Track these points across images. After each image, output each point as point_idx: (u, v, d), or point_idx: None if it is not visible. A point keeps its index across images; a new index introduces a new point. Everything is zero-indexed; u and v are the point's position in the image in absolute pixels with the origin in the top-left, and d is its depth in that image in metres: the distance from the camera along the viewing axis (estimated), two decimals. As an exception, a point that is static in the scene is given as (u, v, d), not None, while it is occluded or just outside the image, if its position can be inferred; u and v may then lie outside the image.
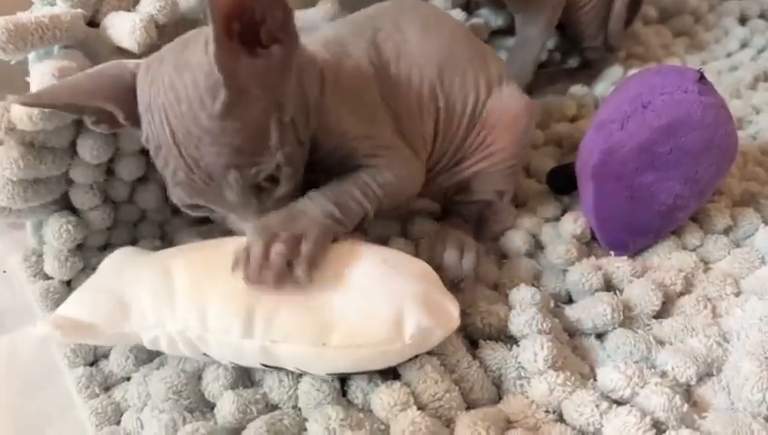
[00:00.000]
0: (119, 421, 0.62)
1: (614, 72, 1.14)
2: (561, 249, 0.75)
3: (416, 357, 0.59)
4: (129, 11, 0.72)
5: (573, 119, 1.04)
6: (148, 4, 0.71)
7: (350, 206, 0.62)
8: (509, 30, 1.19)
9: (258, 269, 0.55)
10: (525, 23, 1.08)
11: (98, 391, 0.64)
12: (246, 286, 0.55)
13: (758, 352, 0.61)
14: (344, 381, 0.60)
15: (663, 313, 0.69)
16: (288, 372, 0.60)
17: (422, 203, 0.83)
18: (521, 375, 0.62)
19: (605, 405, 0.57)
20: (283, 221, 0.58)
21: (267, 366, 0.59)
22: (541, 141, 0.99)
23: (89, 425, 0.62)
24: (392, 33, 0.71)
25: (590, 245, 0.79)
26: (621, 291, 0.71)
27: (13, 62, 0.66)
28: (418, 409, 0.56)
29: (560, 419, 0.59)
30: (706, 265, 0.76)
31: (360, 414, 0.57)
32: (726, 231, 0.79)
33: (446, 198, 0.81)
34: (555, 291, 0.73)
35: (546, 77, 1.15)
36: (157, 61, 0.57)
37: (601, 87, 1.12)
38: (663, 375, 0.61)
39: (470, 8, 1.18)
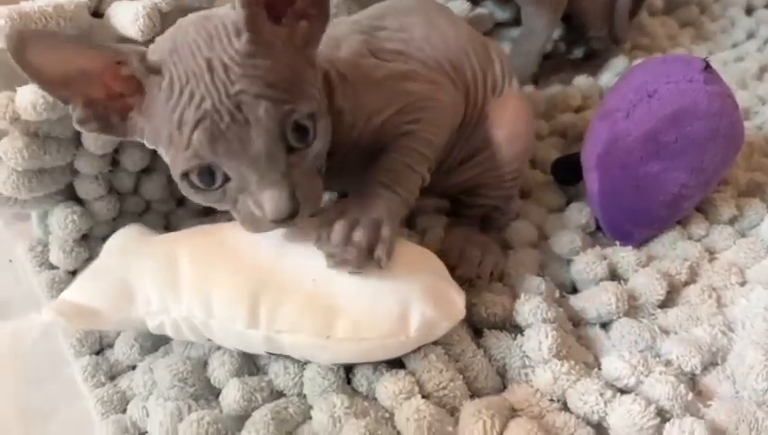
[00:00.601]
0: (124, 410, 0.62)
1: (619, 63, 1.14)
2: (566, 239, 0.76)
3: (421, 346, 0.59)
4: (133, 0, 0.71)
5: (578, 109, 1.04)
6: (152, -8, 0.71)
7: (409, 178, 0.63)
8: (515, 21, 1.18)
9: (343, 249, 0.56)
10: (531, 14, 1.08)
11: (104, 379, 0.65)
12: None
13: (763, 342, 0.61)
14: (349, 370, 0.60)
15: (668, 302, 0.69)
16: (293, 360, 0.60)
17: (430, 201, 0.82)
18: (525, 364, 0.62)
19: (609, 394, 0.57)
20: (360, 205, 0.60)
21: (272, 354, 0.59)
22: (546, 132, 0.99)
23: (94, 414, 0.62)
24: (396, 33, 0.71)
25: (594, 235, 0.79)
26: (626, 280, 0.71)
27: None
28: (423, 397, 0.56)
29: (564, 407, 0.59)
30: (712, 254, 0.76)
31: (365, 402, 0.57)
32: (732, 221, 0.79)
33: (452, 197, 0.81)
34: (560, 281, 0.73)
35: (551, 67, 1.15)
36: (175, 25, 0.57)
37: (606, 78, 1.12)
38: (668, 364, 0.61)
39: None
